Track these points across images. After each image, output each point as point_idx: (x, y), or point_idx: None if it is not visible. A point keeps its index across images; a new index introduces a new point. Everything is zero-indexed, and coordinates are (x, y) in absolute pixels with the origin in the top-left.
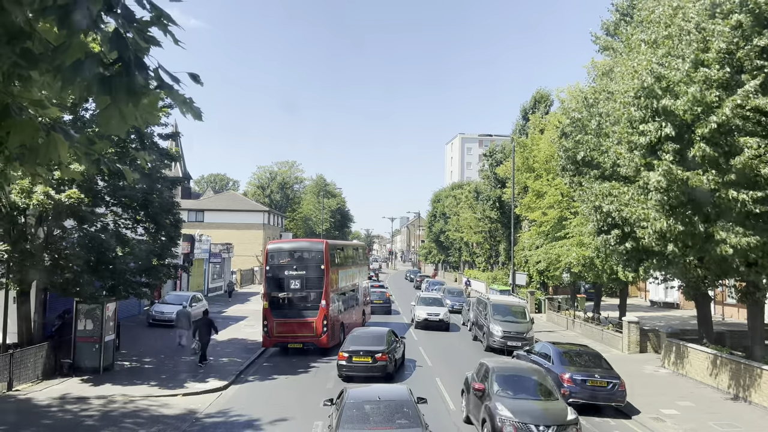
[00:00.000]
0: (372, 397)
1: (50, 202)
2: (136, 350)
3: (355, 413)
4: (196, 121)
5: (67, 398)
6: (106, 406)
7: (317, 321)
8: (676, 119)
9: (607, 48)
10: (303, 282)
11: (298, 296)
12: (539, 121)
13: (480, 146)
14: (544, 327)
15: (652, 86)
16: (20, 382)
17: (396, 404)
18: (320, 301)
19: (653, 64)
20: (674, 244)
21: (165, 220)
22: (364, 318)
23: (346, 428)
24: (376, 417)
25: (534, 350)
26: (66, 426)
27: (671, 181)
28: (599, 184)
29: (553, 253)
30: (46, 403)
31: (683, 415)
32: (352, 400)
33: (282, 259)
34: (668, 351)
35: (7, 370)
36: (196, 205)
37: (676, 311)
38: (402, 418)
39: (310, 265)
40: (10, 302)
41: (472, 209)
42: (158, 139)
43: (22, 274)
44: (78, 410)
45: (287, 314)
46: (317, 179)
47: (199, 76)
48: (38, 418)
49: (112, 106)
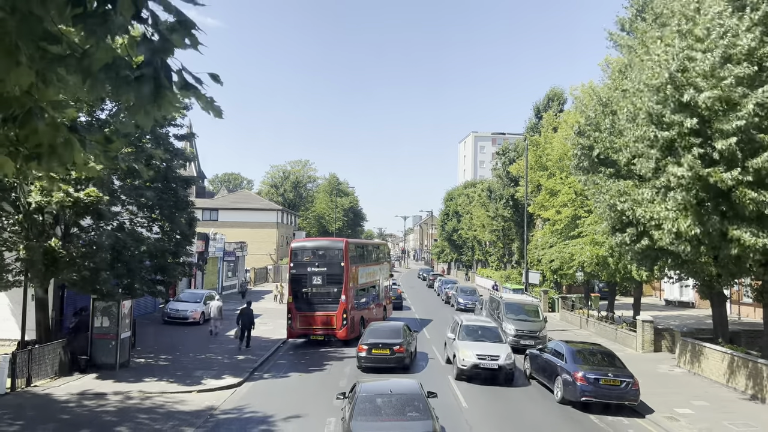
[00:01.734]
0: (384, 390)
1: (70, 200)
2: (152, 347)
3: (368, 406)
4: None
5: (85, 394)
6: (122, 402)
7: (337, 315)
8: (697, 113)
9: (623, 45)
10: (324, 278)
11: (320, 291)
12: (552, 119)
13: (493, 144)
14: (558, 326)
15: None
16: (38, 378)
17: (407, 398)
18: (340, 296)
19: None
20: (690, 243)
21: (180, 219)
22: (384, 314)
23: (359, 420)
24: (388, 410)
25: (547, 349)
26: (83, 421)
27: (694, 176)
28: (613, 183)
29: (566, 252)
30: (64, 398)
31: (697, 414)
32: (364, 394)
33: (305, 256)
34: (683, 350)
35: (26, 366)
36: (211, 204)
37: (691, 310)
38: (413, 411)
39: (331, 262)
40: (29, 299)
41: (485, 208)
42: (173, 139)
43: (41, 273)
44: (95, 406)
45: (309, 308)
46: (330, 178)
47: (219, 76)
48: (56, 414)
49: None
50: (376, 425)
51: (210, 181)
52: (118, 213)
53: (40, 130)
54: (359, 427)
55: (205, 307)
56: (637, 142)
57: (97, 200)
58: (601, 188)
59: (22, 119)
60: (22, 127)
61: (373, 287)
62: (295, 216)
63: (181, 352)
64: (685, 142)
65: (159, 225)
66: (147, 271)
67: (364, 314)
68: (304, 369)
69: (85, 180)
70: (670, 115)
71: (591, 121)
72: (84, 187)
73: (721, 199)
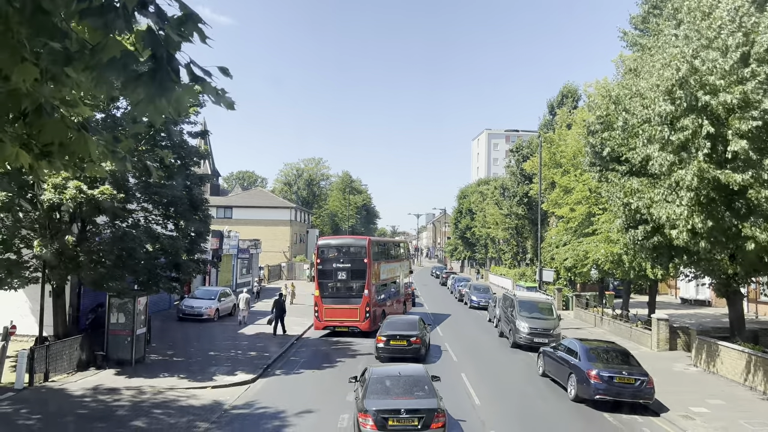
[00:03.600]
0: (393, 373)
1: (83, 197)
2: (166, 343)
3: (379, 386)
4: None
5: (101, 389)
6: (137, 397)
7: (361, 308)
8: (711, 114)
9: (635, 44)
10: (348, 273)
11: (345, 286)
12: (566, 116)
13: (507, 142)
14: (572, 324)
15: (688, 78)
16: (56, 374)
17: (414, 379)
18: (363, 291)
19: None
20: (706, 240)
21: (194, 217)
22: (404, 309)
23: (372, 398)
24: (397, 389)
25: (561, 346)
26: (99, 416)
27: (702, 179)
28: (626, 180)
29: (580, 250)
30: (81, 393)
31: (713, 413)
32: (375, 376)
33: (330, 253)
34: (699, 349)
35: (44, 361)
36: (225, 201)
37: (707, 309)
38: (419, 391)
39: (354, 258)
40: (46, 296)
41: (499, 205)
42: (187, 136)
43: (59, 269)
44: (110, 400)
45: (335, 301)
46: (343, 176)
47: (229, 70)
48: (73, 408)
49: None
50: (386, 402)
51: (224, 179)
52: (133, 211)
53: (48, 126)
54: (371, 403)
55: (219, 303)
56: (650, 143)
57: (111, 198)
58: (614, 186)
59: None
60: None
61: (393, 283)
62: (309, 214)
63: (195, 348)
64: (698, 143)
65: (174, 223)
66: (162, 269)
67: (386, 308)
68: (318, 366)
69: (101, 179)
70: (683, 119)
71: (603, 119)
72: (99, 185)
73: (735, 196)
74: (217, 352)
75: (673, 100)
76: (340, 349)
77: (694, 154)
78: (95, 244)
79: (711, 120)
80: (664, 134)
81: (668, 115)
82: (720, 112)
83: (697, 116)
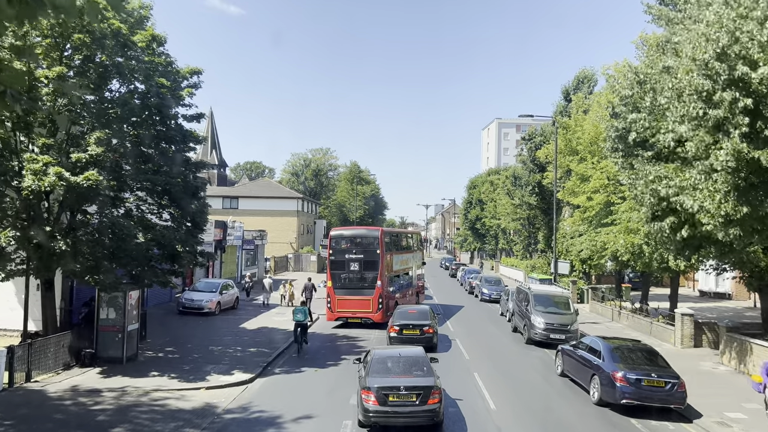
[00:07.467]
0: (394, 354)
1: (62, 184)
2: (163, 339)
3: (380, 366)
4: None
5: (84, 390)
6: (121, 399)
7: (373, 299)
8: (749, 90)
9: (661, 17)
10: (361, 264)
11: (357, 277)
12: (583, 102)
13: (517, 131)
14: (588, 318)
15: (727, 49)
16: (40, 373)
17: (413, 360)
18: (376, 282)
19: (731, 25)
20: (740, 228)
21: (189, 205)
22: (417, 300)
23: (374, 377)
24: (397, 369)
25: (581, 345)
26: (77, 421)
27: (740, 159)
28: (653, 166)
29: (598, 241)
30: (62, 395)
31: (751, 419)
32: (377, 357)
33: (343, 244)
34: (728, 346)
35: (25, 360)
36: (231, 192)
37: (728, 302)
38: (418, 371)
39: (367, 249)
40: (33, 290)
41: (510, 195)
42: (182, 120)
43: (41, 262)
44: (91, 404)
45: (347, 292)
46: (351, 166)
47: None
48: (49, 412)
49: None
50: (387, 380)
51: (232, 169)
52: (125, 199)
53: None
54: (373, 381)
55: (221, 296)
56: (683, 122)
57: (96, 184)
58: (639, 172)
59: None
60: None
61: (406, 274)
62: (316, 204)
63: (193, 344)
64: (737, 120)
65: (169, 212)
66: (156, 261)
67: (398, 300)
68: (322, 364)
69: (89, 163)
70: (720, 93)
71: (627, 100)
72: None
73: None
74: (216, 348)
75: (709, 75)
76: (344, 344)
77: (732, 132)
78: (81, 234)
79: (752, 99)
80: (698, 111)
81: (704, 92)
82: (759, 87)
83: (735, 90)
